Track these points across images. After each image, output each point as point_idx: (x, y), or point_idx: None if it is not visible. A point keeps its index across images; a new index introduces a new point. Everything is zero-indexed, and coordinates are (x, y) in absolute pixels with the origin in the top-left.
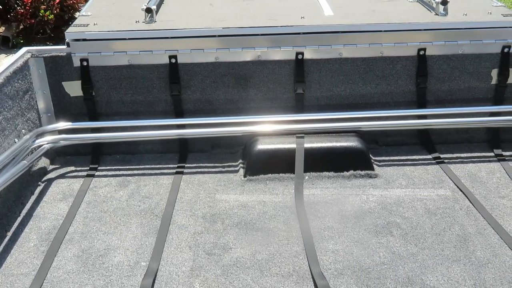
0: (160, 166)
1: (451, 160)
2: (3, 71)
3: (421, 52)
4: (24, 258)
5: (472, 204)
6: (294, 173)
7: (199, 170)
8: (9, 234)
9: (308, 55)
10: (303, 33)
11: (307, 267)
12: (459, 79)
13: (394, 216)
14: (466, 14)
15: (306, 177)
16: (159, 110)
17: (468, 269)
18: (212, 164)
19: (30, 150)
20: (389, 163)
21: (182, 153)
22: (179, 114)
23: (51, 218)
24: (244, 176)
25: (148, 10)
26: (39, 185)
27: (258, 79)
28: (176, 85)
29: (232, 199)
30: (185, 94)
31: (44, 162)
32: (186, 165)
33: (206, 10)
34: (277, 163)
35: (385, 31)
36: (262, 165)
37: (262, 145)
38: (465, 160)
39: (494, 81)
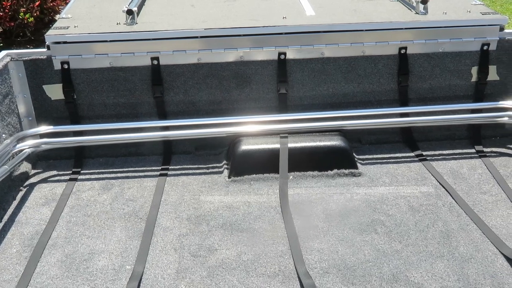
0: (144, 168)
1: (433, 157)
2: None
3: (402, 51)
4: (6, 265)
5: (455, 201)
6: (278, 173)
7: (183, 172)
8: None
9: (290, 55)
10: (285, 33)
11: (292, 266)
12: (440, 77)
13: (378, 214)
14: (445, 13)
15: (291, 177)
16: (142, 112)
17: (452, 265)
18: (196, 166)
19: (11, 154)
20: (373, 161)
21: (166, 155)
22: (162, 116)
23: (34, 223)
24: (229, 177)
25: (129, 12)
26: (21, 190)
27: (240, 79)
28: (159, 87)
29: (217, 200)
30: (168, 96)
31: (25, 166)
32: (170, 167)
33: (188, 11)
34: (262, 164)
35: (366, 30)
36: (247, 166)
37: (246, 146)
38: (447, 157)
39: (474, 78)
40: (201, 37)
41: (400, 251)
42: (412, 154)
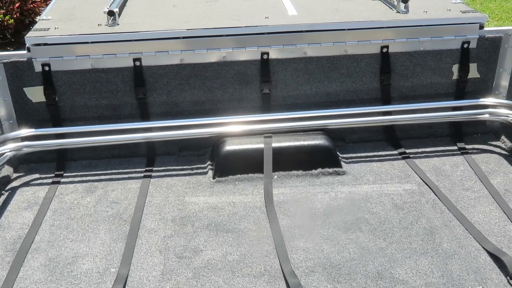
0: (128, 170)
1: (416, 155)
2: None
3: (384, 50)
4: None
5: (438, 197)
6: (263, 173)
7: (167, 173)
8: None
9: (273, 55)
10: (268, 33)
11: (278, 266)
12: (422, 75)
13: (362, 212)
14: (426, 12)
15: (275, 177)
16: (124, 114)
17: (436, 261)
18: (180, 167)
19: None
20: (356, 160)
21: (150, 157)
22: (145, 117)
23: (16, 228)
24: (213, 178)
25: (111, 13)
26: (3, 194)
27: (224, 80)
28: (141, 88)
29: (202, 201)
30: (150, 97)
31: (7, 170)
32: (154, 169)
33: (170, 12)
34: (246, 164)
35: (348, 29)
36: (231, 166)
37: (230, 146)
38: (429, 154)
39: (455, 76)
40: (184, 37)
41: (384, 248)
42: (395, 152)
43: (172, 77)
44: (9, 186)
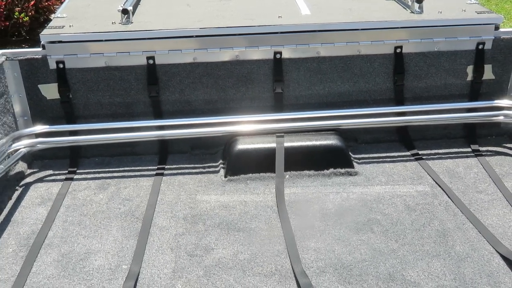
0: (140, 168)
1: (429, 156)
2: None
3: (398, 50)
4: (2, 264)
5: (451, 200)
6: (274, 173)
7: (179, 171)
8: None
9: (286, 54)
10: (281, 33)
11: (289, 266)
12: (436, 76)
13: (374, 213)
14: (441, 12)
15: (287, 176)
16: (137, 111)
17: (448, 264)
18: (192, 165)
19: (6, 154)
20: (369, 160)
21: (162, 155)
22: (158, 115)
23: (30, 223)
24: (225, 177)
25: (125, 11)
26: (17, 189)
27: (236, 79)
28: (155, 86)
29: (213, 200)
30: (163, 95)
31: (21, 166)
32: (166, 167)
33: (183, 11)
34: (258, 163)
35: (362, 29)
36: (243, 165)
37: (242, 145)
38: (443, 156)
39: (469, 77)
40: (197, 36)
41: (396, 250)
42: (408, 153)
43: (185, 76)
44: (23, 182)
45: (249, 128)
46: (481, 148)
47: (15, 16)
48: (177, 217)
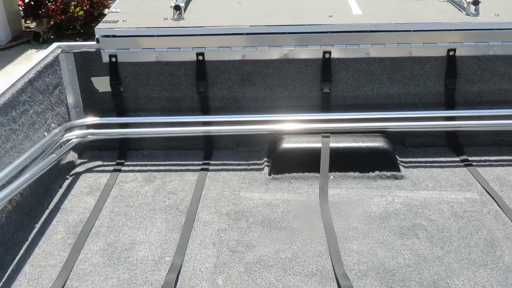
0: (186, 162)
1: (479, 163)
2: (34, 66)
3: (451, 53)
4: (51, 250)
5: (501, 208)
6: (319, 173)
7: (224, 167)
8: (37, 226)
9: (335, 54)
10: (331, 32)
11: (330, 267)
12: (489, 81)
13: (420, 218)
14: (498, 15)
15: (331, 177)
16: (185, 107)
17: (495, 274)
18: (237, 162)
19: (59, 144)
20: (416, 164)
21: (208, 150)
22: (205, 111)
23: (78, 212)
24: (269, 175)
25: (177, 8)
26: (67, 178)
27: (284, 77)
28: (203, 82)
29: (257, 197)
30: (211, 91)
31: (72, 156)
32: (211, 162)
33: (234, 8)
34: (302, 162)
35: (414, 31)
36: (287, 164)
37: (288, 144)
38: (494, 163)
39: None
40: (247, 34)
41: (441, 257)
42: (457, 158)
43: (234, 73)
44: (73, 171)
45: (295, 127)
46: None
47: (71, 10)
48: (220, 212)
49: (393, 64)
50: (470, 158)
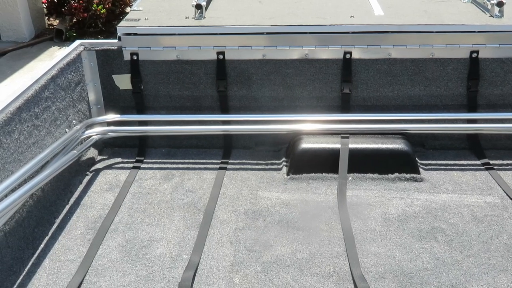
0: (204, 161)
1: (501, 167)
2: (57, 63)
3: (474, 55)
4: (71, 245)
5: None
6: (337, 173)
7: (242, 166)
8: (58, 221)
9: (356, 54)
10: (352, 32)
11: (348, 268)
12: None
13: (439, 221)
14: None
15: (350, 178)
16: (205, 105)
17: None
18: (255, 161)
19: (79, 140)
20: (436, 167)
21: (226, 149)
22: (225, 110)
23: (98, 208)
24: (287, 174)
25: (198, 6)
26: (87, 174)
27: (304, 77)
28: (223, 81)
29: (274, 197)
30: (231, 90)
31: (92, 152)
32: (229, 161)
33: (255, 7)
34: (321, 163)
35: (436, 32)
36: (306, 164)
37: (306, 144)
38: None
39: None
40: (267, 33)
41: (460, 261)
42: (478, 162)
43: (254, 72)
44: (93, 168)
45: (314, 128)
46: None
47: (93, 8)
48: (238, 211)
49: (415, 65)
50: (491, 162)
